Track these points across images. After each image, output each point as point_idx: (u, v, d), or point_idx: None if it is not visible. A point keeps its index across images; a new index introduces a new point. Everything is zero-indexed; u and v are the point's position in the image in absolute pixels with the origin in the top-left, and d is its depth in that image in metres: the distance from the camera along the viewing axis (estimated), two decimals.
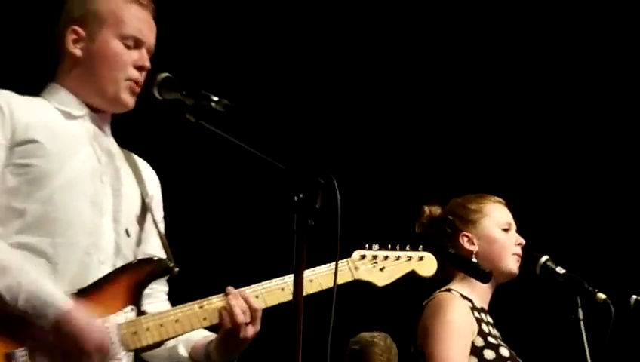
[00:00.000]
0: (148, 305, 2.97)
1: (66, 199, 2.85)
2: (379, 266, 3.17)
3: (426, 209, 3.92)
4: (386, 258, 3.19)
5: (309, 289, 2.96)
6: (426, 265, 3.26)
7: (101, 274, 2.86)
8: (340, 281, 3.03)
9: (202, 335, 3.01)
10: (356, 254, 3.16)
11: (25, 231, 2.81)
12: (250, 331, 2.91)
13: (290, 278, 2.89)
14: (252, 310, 2.91)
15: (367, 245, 3.20)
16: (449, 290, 3.73)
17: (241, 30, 6.02)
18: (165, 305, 3.07)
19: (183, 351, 3.01)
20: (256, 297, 2.95)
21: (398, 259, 3.21)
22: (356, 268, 3.14)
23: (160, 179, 3.22)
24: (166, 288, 3.11)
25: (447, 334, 3.59)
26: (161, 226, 3.11)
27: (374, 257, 3.18)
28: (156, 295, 3.06)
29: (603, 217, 6.31)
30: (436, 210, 3.91)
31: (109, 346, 2.75)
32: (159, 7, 3.13)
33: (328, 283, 2.99)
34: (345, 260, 3.13)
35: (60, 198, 2.84)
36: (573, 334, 3.70)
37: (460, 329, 3.62)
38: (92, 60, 2.98)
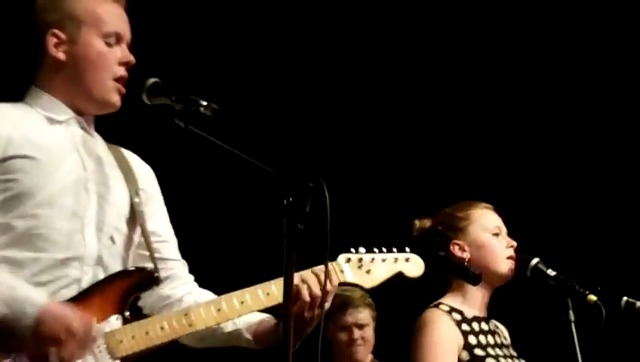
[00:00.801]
0: (177, 288, 3.06)
1: (48, 213, 2.84)
2: (365, 268, 3.12)
3: (417, 222, 3.93)
4: (372, 260, 3.14)
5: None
6: (413, 265, 3.21)
7: (83, 286, 2.85)
8: None
9: (258, 319, 3.01)
10: (341, 257, 3.11)
11: (10, 246, 2.81)
12: (317, 311, 2.91)
13: (275, 282, 2.93)
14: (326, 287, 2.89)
15: (352, 248, 3.14)
16: (437, 305, 3.75)
17: (230, 34, 6.01)
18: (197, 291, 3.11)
19: (248, 335, 3.01)
20: (242, 303, 2.94)
21: (384, 261, 3.16)
22: (341, 270, 3.09)
23: None
24: (186, 268, 3.15)
25: (429, 355, 3.62)
26: (152, 222, 3.06)
27: (360, 260, 3.12)
28: (184, 279, 3.10)
29: (593, 219, 6.32)
30: (426, 223, 3.92)
31: (93, 325, 2.75)
32: (149, 12, 3.12)
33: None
34: (329, 263, 3.06)
35: (41, 213, 2.83)
36: (565, 336, 3.70)
37: (443, 346, 3.64)
38: (77, 63, 2.95)
